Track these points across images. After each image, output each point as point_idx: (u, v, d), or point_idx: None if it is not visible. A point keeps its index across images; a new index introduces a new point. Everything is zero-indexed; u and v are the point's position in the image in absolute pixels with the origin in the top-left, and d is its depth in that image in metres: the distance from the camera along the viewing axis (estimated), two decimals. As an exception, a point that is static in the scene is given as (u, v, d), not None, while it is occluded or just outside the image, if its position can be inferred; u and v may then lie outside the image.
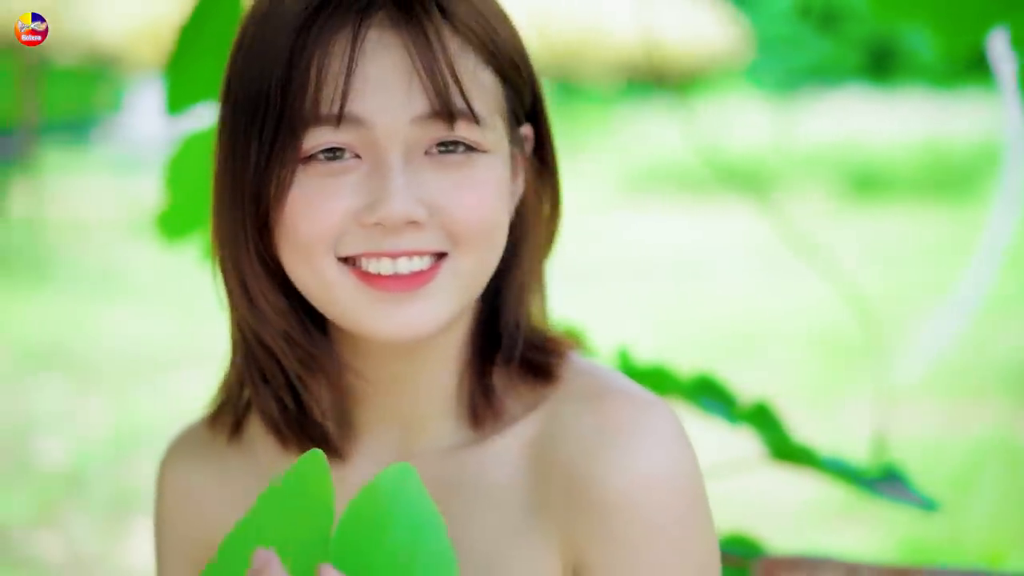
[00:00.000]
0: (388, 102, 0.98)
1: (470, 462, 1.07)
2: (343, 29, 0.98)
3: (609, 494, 1.01)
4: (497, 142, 1.02)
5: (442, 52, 0.98)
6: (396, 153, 0.99)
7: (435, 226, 1.00)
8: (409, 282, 0.99)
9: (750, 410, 1.56)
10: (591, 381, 1.07)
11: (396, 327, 1.00)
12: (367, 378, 1.08)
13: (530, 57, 1.08)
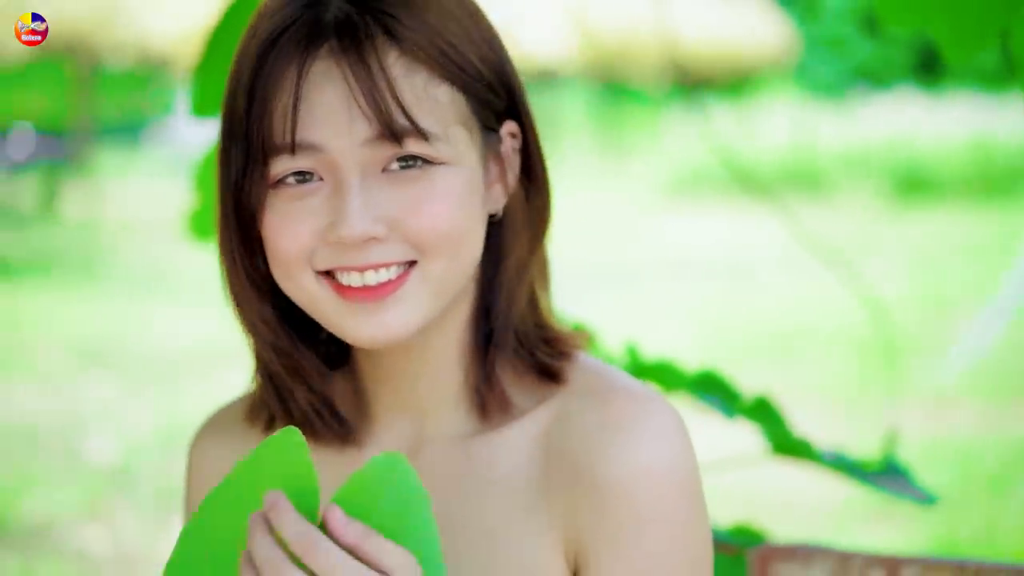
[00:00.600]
0: (335, 128, 1.04)
1: (480, 451, 1.13)
2: (292, 62, 1.05)
3: (610, 483, 1.06)
4: (457, 152, 1.07)
5: (383, 76, 1.03)
6: (352, 174, 1.05)
7: (397, 239, 1.06)
8: (378, 292, 1.06)
9: (751, 405, 1.62)
10: (596, 379, 1.13)
11: (372, 332, 1.07)
12: (377, 374, 1.15)
13: (504, 59, 1.12)
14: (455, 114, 1.07)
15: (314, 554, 0.93)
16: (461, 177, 1.07)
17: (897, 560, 1.44)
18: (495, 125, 1.11)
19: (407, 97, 1.03)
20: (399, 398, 1.15)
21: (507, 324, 1.13)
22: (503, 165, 1.13)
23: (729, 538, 1.50)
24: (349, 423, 1.15)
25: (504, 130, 1.13)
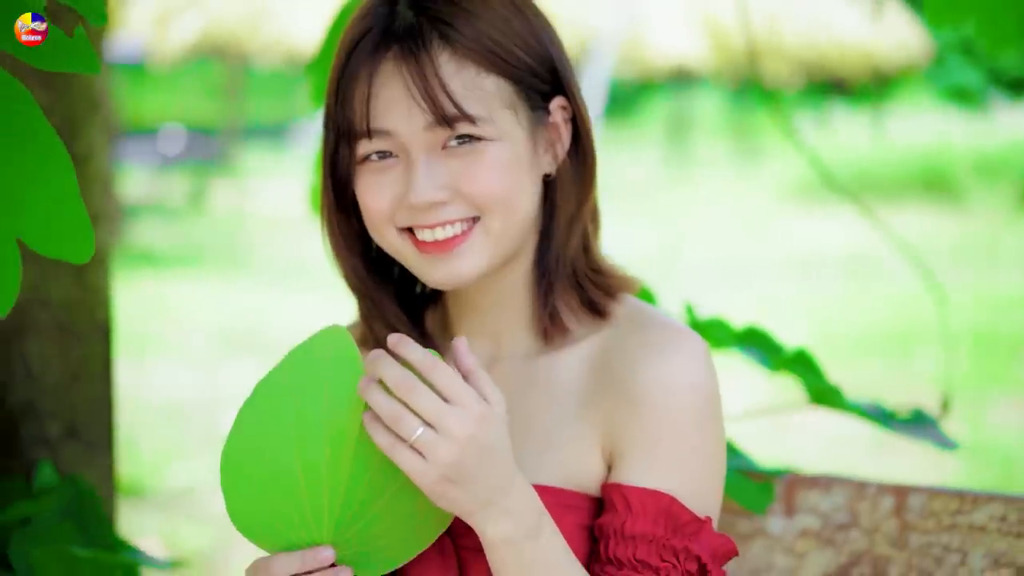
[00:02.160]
0: (400, 118, 1.29)
1: (541, 367, 1.37)
2: (365, 65, 1.30)
3: (643, 393, 1.30)
4: (503, 130, 1.30)
5: (435, 74, 1.27)
6: (418, 153, 1.30)
7: (459, 201, 1.30)
8: (446, 245, 1.31)
9: (791, 357, 1.82)
10: (640, 314, 1.37)
11: (443, 277, 1.32)
12: (459, 306, 1.41)
13: (549, 48, 1.34)
14: (501, 99, 1.30)
15: (417, 395, 1.14)
16: (507, 150, 1.30)
17: (905, 488, 1.64)
18: (542, 104, 1.34)
19: (456, 89, 1.28)
20: (478, 325, 1.40)
21: (561, 266, 1.37)
22: (555, 134, 1.36)
23: (762, 469, 1.71)
24: (434, 346, 1.40)
25: (554, 104, 1.36)
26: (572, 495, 1.30)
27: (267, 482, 1.16)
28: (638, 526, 1.27)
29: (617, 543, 1.27)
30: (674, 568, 1.26)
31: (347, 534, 1.18)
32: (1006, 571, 1.59)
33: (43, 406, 2.06)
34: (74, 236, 1.12)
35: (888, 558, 1.64)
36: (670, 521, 1.27)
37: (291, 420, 1.16)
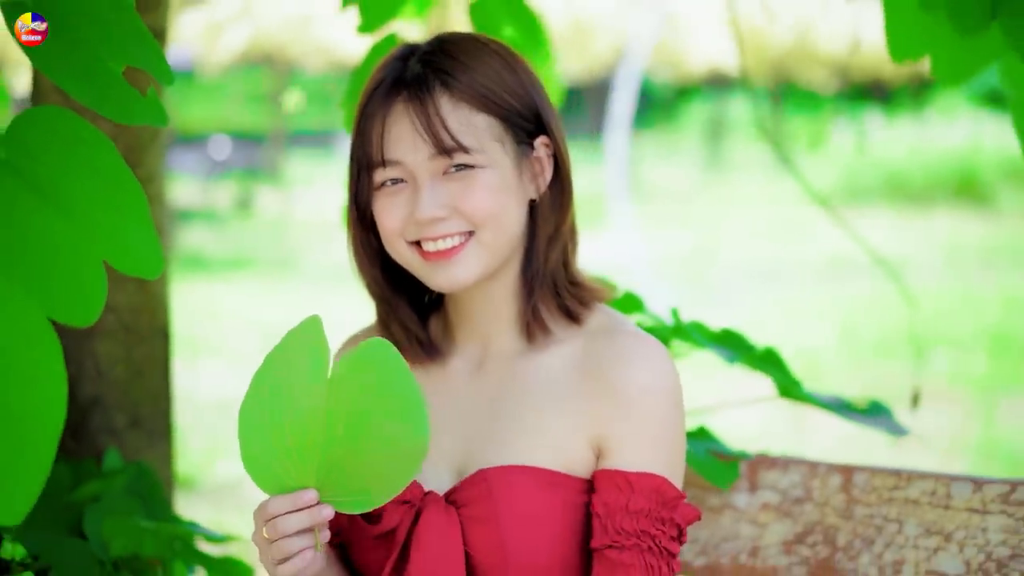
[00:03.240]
0: (407, 150, 1.55)
1: (528, 365, 1.62)
2: (380, 109, 1.57)
3: (625, 395, 1.54)
4: (493, 159, 1.55)
5: (436, 114, 1.53)
6: (424, 179, 1.56)
7: (457, 217, 1.55)
8: (446, 254, 1.56)
9: (760, 355, 2.07)
10: (610, 322, 1.63)
11: (443, 281, 1.58)
12: (458, 312, 1.66)
13: (533, 96, 1.59)
14: (490, 134, 1.56)
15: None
16: (496, 176, 1.56)
17: (850, 468, 1.90)
18: (527, 139, 1.60)
19: (453, 125, 1.53)
20: (472, 329, 1.65)
21: (543, 277, 1.62)
22: (538, 167, 1.61)
23: (729, 452, 1.97)
24: (436, 347, 1.66)
25: (538, 142, 1.61)
26: (559, 475, 1.56)
27: (267, 437, 1.42)
28: (639, 503, 1.52)
29: (623, 517, 1.52)
30: (663, 534, 1.53)
31: (329, 479, 1.43)
32: (936, 538, 1.84)
33: (109, 400, 2.31)
34: (147, 256, 1.36)
35: (836, 527, 1.90)
36: (660, 497, 1.53)
37: (282, 389, 1.42)
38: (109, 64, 1.45)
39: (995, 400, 6.37)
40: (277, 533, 1.44)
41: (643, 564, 1.52)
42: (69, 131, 1.36)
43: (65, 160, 1.35)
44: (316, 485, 1.44)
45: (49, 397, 1.19)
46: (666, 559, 1.53)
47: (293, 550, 1.45)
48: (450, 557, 1.53)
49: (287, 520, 1.44)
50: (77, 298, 1.29)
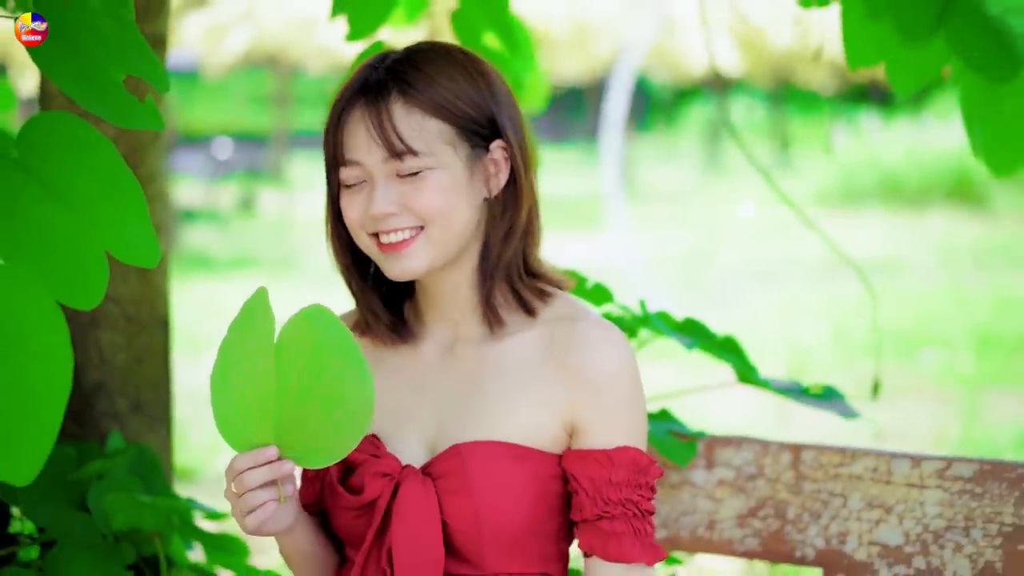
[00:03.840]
0: (364, 152, 1.68)
1: (495, 350, 1.74)
2: (343, 114, 1.70)
3: (595, 379, 1.68)
4: (442, 161, 1.67)
5: (388, 120, 1.66)
6: (379, 179, 1.68)
7: (407, 213, 1.68)
8: (397, 247, 1.69)
9: (720, 342, 2.21)
10: (573, 310, 1.76)
11: (395, 271, 1.71)
12: (425, 299, 1.78)
13: (490, 103, 1.71)
14: (442, 138, 1.68)
15: None
16: (446, 176, 1.68)
17: (799, 446, 2.04)
18: (482, 144, 1.72)
19: (404, 131, 1.67)
20: (438, 313, 1.79)
21: (497, 270, 1.74)
22: (492, 168, 1.73)
23: (688, 431, 2.11)
24: (408, 329, 1.79)
25: (494, 145, 1.72)
26: (527, 449, 1.69)
27: (232, 400, 1.55)
28: (620, 475, 1.67)
29: (608, 489, 1.66)
30: (643, 498, 1.68)
31: (287, 436, 1.56)
32: (877, 511, 1.99)
33: (112, 386, 2.45)
34: (144, 247, 1.50)
35: (786, 502, 2.04)
36: (637, 466, 1.68)
37: (240, 355, 1.56)
38: (110, 72, 1.60)
39: (980, 397, 6.50)
40: (243, 487, 1.58)
41: (631, 529, 1.67)
42: (74, 134, 1.50)
43: (71, 160, 1.49)
44: (276, 442, 1.57)
45: (56, 369, 1.34)
46: (647, 519, 1.69)
47: (257, 503, 1.59)
48: (428, 525, 1.66)
49: (251, 475, 1.57)
50: (81, 283, 1.43)
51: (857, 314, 8.73)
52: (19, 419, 1.34)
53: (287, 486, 1.62)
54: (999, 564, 1.92)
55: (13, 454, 1.35)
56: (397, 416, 1.74)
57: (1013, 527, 1.92)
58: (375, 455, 1.71)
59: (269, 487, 1.60)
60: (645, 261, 10.53)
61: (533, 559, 1.70)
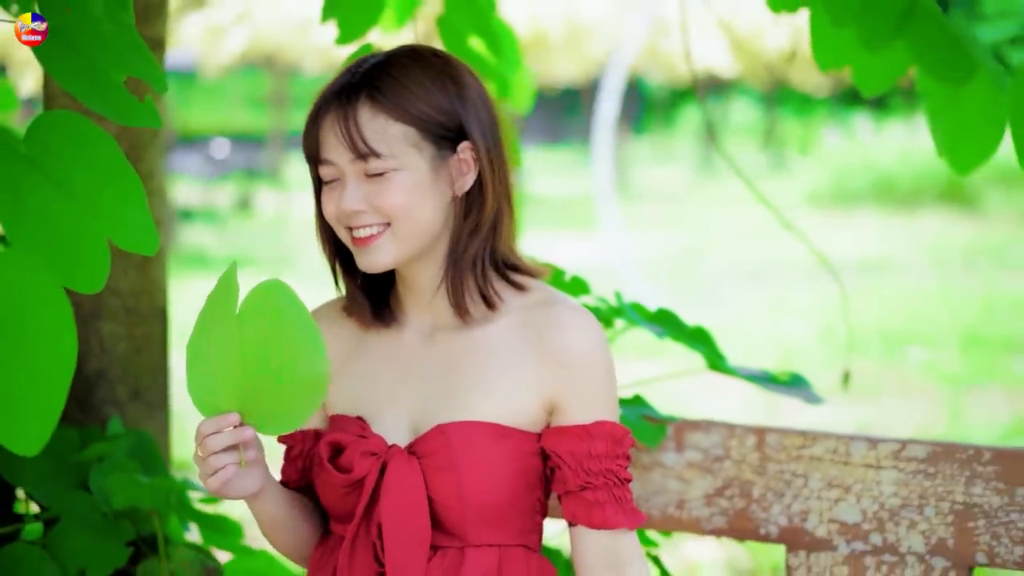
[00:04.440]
0: (335, 153, 1.79)
1: (474, 335, 1.84)
2: (319, 115, 1.80)
3: (573, 360, 1.78)
4: (406, 163, 1.77)
5: (354, 124, 1.76)
6: (350, 178, 1.79)
7: (374, 211, 1.78)
8: (365, 241, 1.79)
9: (691, 332, 2.32)
10: (547, 295, 1.86)
11: (365, 263, 1.81)
12: (404, 288, 1.88)
13: (457, 108, 1.79)
14: (407, 141, 1.77)
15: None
16: (410, 177, 1.78)
17: (764, 429, 2.15)
18: (450, 145, 1.81)
19: (368, 134, 1.76)
20: (417, 302, 1.89)
21: (461, 263, 1.83)
22: (458, 169, 1.82)
23: (659, 416, 2.22)
24: (392, 315, 1.89)
25: (461, 146, 1.81)
26: (508, 429, 1.79)
27: (201, 368, 1.65)
28: (599, 447, 1.78)
29: (589, 461, 1.77)
30: (620, 467, 1.79)
31: (249, 404, 1.66)
32: (837, 490, 2.10)
33: (113, 374, 2.55)
34: (144, 235, 1.60)
35: (752, 482, 2.16)
36: (613, 437, 1.79)
37: (208, 327, 1.65)
38: (111, 73, 1.70)
39: (964, 394, 6.61)
40: (206, 450, 1.68)
41: (612, 497, 1.78)
42: (78, 130, 1.61)
43: (75, 155, 1.60)
44: (239, 409, 1.67)
45: (61, 347, 1.44)
46: (626, 486, 1.80)
47: (219, 465, 1.69)
48: (415, 501, 1.76)
49: (213, 439, 1.68)
50: (84, 269, 1.54)
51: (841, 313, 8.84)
52: (26, 393, 1.44)
53: (249, 452, 1.71)
54: (951, 541, 2.04)
55: (21, 426, 1.45)
56: (381, 399, 1.84)
57: (964, 505, 2.03)
58: (362, 436, 1.81)
59: (231, 451, 1.70)
60: (637, 261, 10.64)
61: (512, 531, 1.80)
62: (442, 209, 1.82)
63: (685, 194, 16.85)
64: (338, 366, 1.88)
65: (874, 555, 2.07)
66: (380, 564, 1.78)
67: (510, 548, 1.81)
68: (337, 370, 1.88)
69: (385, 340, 1.90)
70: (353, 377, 1.87)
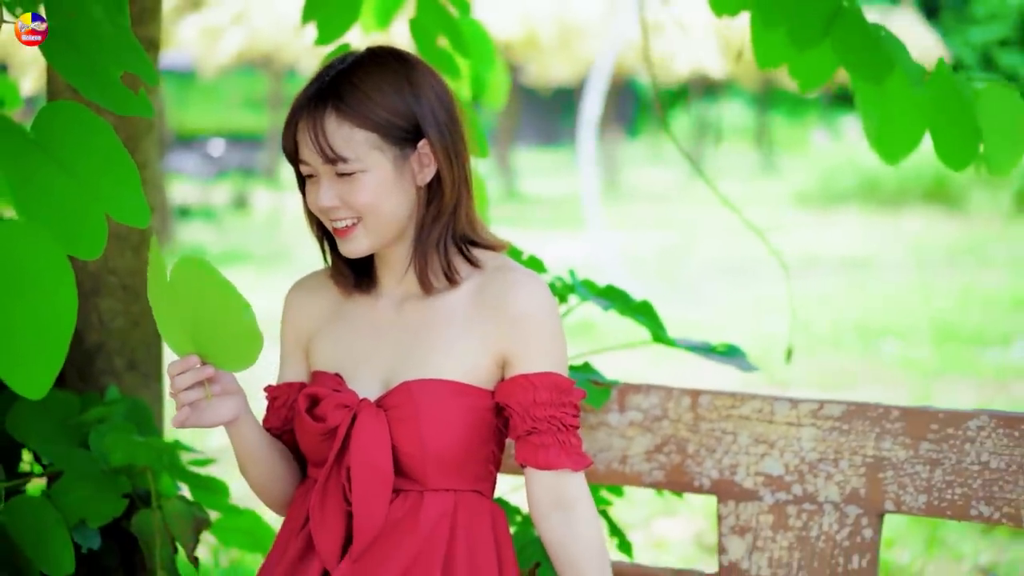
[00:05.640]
0: (309, 155, 2.00)
1: (438, 302, 2.05)
2: (294, 120, 2.01)
3: (521, 316, 1.99)
4: (370, 164, 1.97)
5: (322, 131, 1.97)
6: (324, 178, 2.00)
7: (346, 207, 2.00)
8: (342, 232, 2.01)
9: (636, 306, 2.54)
10: (503, 264, 2.09)
11: (345, 250, 2.02)
12: (380, 265, 2.11)
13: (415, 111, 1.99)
14: (369, 144, 1.98)
15: None
16: (375, 177, 1.99)
17: (697, 391, 2.38)
18: (410, 143, 2.01)
19: (335, 141, 1.97)
20: (390, 276, 2.11)
21: (426, 245, 2.04)
22: (418, 165, 2.03)
23: (604, 380, 2.45)
24: (372, 285, 2.11)
25: (420, 143, 2.02)
26: (465, 386, 2.01)
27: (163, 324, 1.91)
28: (543, 396, 1.99)
29: (534, 408, 1.99)
30: (566, 415, 2.00)
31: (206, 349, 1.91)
32: (762, 446, 2.33)
33: (111, 346, 2.77)
34: (136, 210, 1.79)
35: (686, 439, 2.38)
36: (558, 387, 2.00)
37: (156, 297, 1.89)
38: (109, 69, 1.92)
39: (934, 384, 6.84)
40: (175, 388, 1.93)
41: (557, 441, 1.99)
42: (80, 119, 1.80)
43: (77, 140, 1.79)
44: (198, 353, 1.93)
45: (63, 305, 1.65)
46: (572, 432, 2.01)
47: (188, 400, 1.94)
48: (380, 449, 1.98)
49: (180, 378, 1.92)
50: (85, 239, 1.75)
51: (820, 309, 9.06)
52: (34, 344, 1.65)
53: (214, 387, 1.96)
54: (863, 490, 2.26)
55: (29, 371, 1.67)
56: (357, 358, 2.06)
57: (874, 458, 2.26)
58: (336, 390, 2.03)
59: (197, 388, 1.94)
60: (625, 259, 10.86)
61: (467, 478, 2.02)
62: (407, 200, 2.03)
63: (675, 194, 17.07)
64: (321, 326, 2.11)
65: (795, 504, 2.30)
66: (348, 503, 2.00)
67: (464, 493, 2.02)
68: (320, 329, 2.11)
69: (362, 307, 2.11)
70: (333, 338, 2.09)
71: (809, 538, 2.28)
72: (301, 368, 2.14)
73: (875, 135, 2.64)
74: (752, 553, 2.32)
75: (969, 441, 2.20)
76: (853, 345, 7.81)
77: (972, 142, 2.49)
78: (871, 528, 2.25)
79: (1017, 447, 2.17)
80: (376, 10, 3.16)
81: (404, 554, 1.98)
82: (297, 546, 2.04)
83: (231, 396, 1.99)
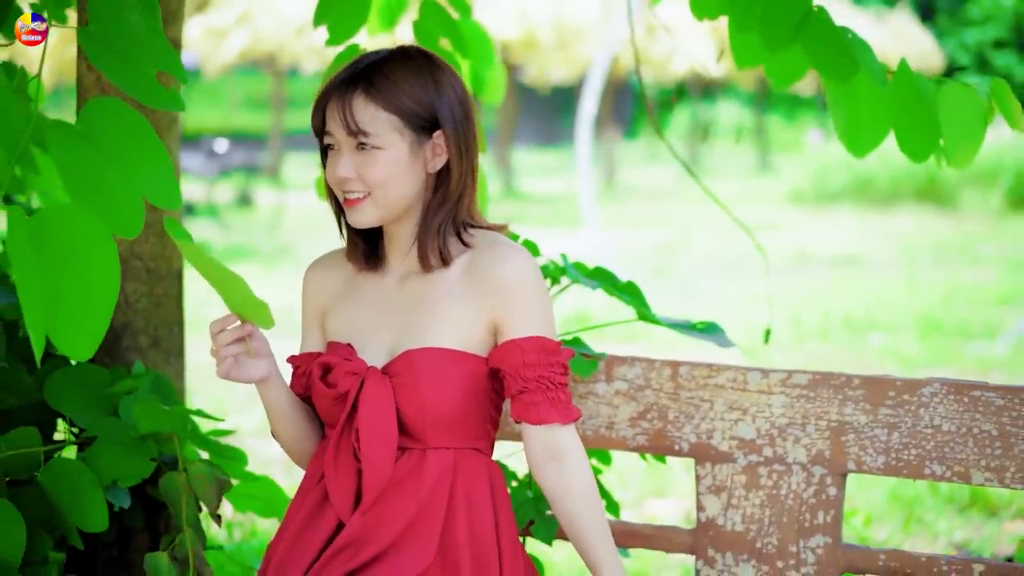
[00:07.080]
0: (335, 127, 2.20)
1: (437, 278, 2.24)
2: (326, 99, 2.21)
3: (510, 284, 2.18)
4: (388, 142, 2.18)
5: (349, 110, 2.17)
6: (345, 149, 2.21)
7: (359, 180, 2.20)
8: (352, 203, 2.21)
9: (622, 286, 2.75)
10: (492, 240, 2.28)
11: (352, 220, 2.23)
12: (389, 241, 2.31)
13: (434, 103, 2.20)
14: (390, 125, 2.19)
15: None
16: (390, 155, 2.19)
17: (677, 362, 2.60)
18: (427, 132, 2.22)
19: (360, 118, 2.18)
20: (397, 253, 2.31)
21: (429, 226, 2.24)
22: (431, 152, 2.23)
23: (592, 353, 2.66)
24: (380, 260, 2.31)
25: (436, 133, 2.22)
26: (462, 354, 2.21)
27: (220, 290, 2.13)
28: (531, 357, 2.18)
29: (524, 369, 2.18)
30: (555, 374, 2.19)
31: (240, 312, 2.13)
32: (736, 412, 2.54)
33: (136, 325, 2.98)
34: (170, 194, 2.01)
35: (667, 407, 2.60)
36: (544, 348, 2.19)
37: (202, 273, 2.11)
38: (145, 67, 2.13)
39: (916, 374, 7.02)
40: (218, 344, 2.15)
41: (546, 398, 2.19)
42: (120, 114, 2.01)
43: (118, 132, 1.99)
44: (237, 313, 2.15)
45: (108, 277, 1.85)
46: (560, 388, 2.20)
47: (229, 354, 2.15)
48: (385, 411, 2.19)
49: (222, 335, 2.15)
50: (126, 218, 1.96)
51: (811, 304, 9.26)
52: (81, 311, 1.86)
53: (253, 343, 2.17)
54: (827, 452, 2.48)
55: (77, 335, 1.88)
56: (367, 329, 2.26)
57: (837, 423, 2.47)
58: (347, 359, 2.23)
59: (238, 343, 2.16)
60: (622, 256, 11.06)
61: (465, 437, 2.22)
62: (416, 183, 2.23)
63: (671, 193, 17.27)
64: (335, 301, 2.31)
65: (766, 465, 2.52)
66: (358, 461, 2.21)
67: (463, 451, 2.23)
68: (334, 304, 2.32)
69: (372, 282, 2.32)
70: (345, 312, 2.30)
71: (779, 496, 2.50)
72: (319, 339, 2.35)
73: (843, 130, 2.81)
74: (727, 510, 2.53)
75: (923, 406, 2.41)
76: (841, 338, 8.02)
77: (932, 136, 2.65)
78: (835, 487, 2.46)
79: (966, 412, 2.38)
80: (381, 13, 3.37)
81: (409, 506, 2.18)
82: (314, 497, 2.25)
83: (264, 357, 2.20)
